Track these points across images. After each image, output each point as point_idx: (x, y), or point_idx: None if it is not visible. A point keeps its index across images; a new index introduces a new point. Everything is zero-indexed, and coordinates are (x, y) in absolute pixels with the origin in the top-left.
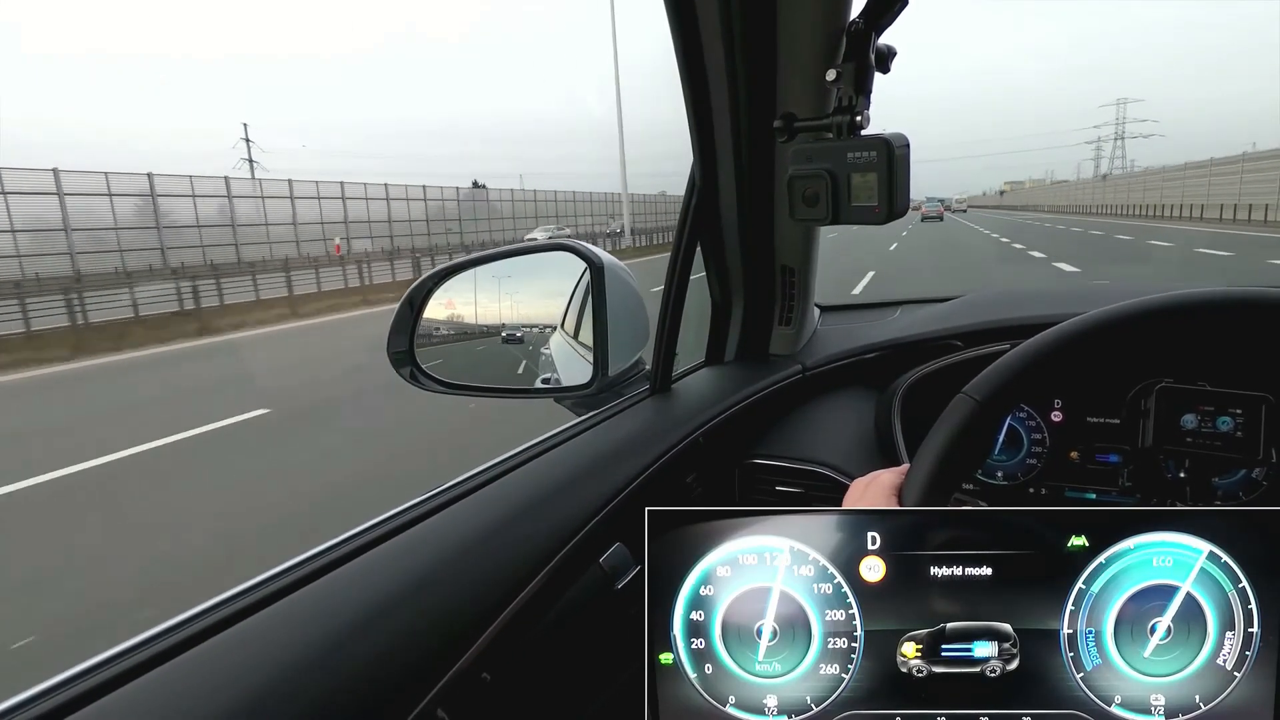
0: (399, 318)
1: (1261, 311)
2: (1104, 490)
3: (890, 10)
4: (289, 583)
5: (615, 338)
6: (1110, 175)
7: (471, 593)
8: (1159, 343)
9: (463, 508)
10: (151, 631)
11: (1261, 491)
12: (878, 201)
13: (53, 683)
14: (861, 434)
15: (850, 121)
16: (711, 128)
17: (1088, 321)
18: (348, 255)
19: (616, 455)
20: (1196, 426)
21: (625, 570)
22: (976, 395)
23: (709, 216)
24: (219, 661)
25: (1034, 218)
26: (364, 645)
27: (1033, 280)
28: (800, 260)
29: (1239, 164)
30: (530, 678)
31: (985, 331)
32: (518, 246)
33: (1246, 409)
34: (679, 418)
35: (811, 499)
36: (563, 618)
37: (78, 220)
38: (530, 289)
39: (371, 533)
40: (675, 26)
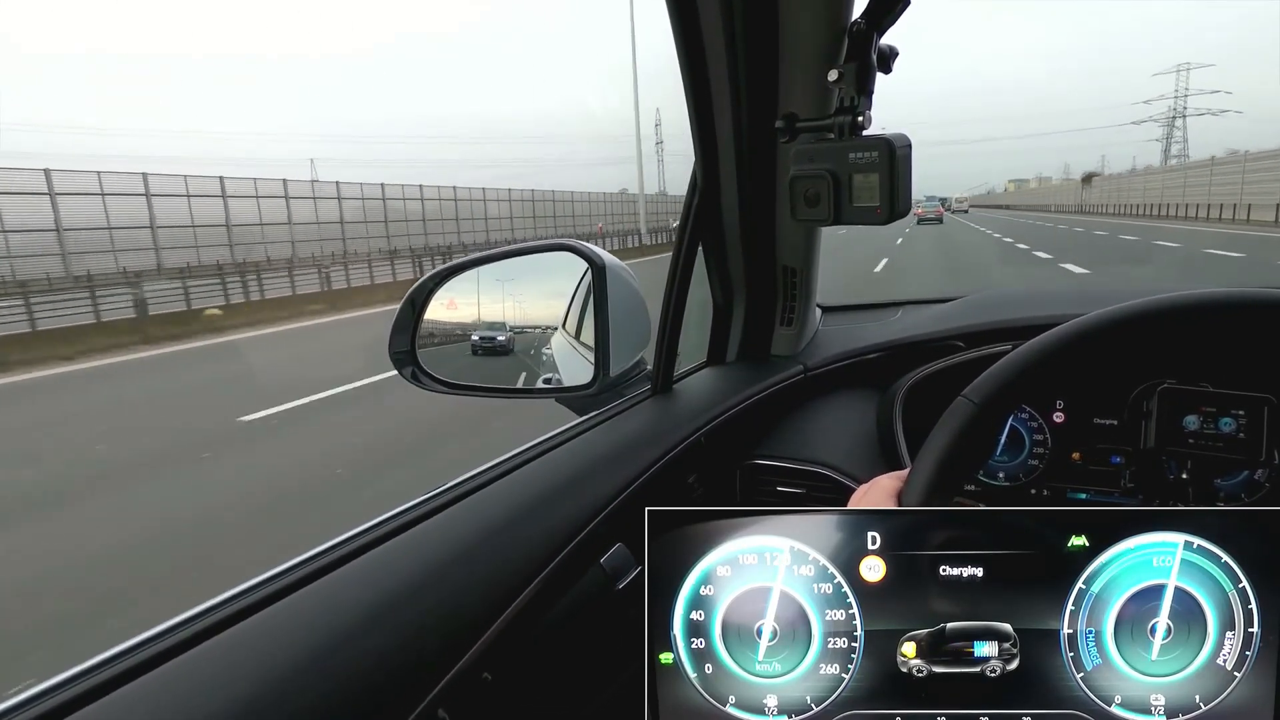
0: (400, 318)
1: (1263, 312)
2: (1106, 491)
3: (892, 11)
4: (290, 582)
5: (617, 338)
6: (1174, 163)
7: (473, 593)
8: (1161, 344)
9: (464, 508)
10: (152, 632)
11: (1264, 493)
12: (879, 202)
13: (52, 683)
14: (863, 435)
15: (852, 122)
16: (713, 128)
17: (1089, 322)
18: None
19: (618, 456)
20: (1198, 428)
21: (626, 571)
22: (977, 398)
23: (710, 217)
24: (220, 661)
25: (1040, 218)
26: (365, 645)
27: (1035, 281)
28: (802, 261)
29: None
30: (531, 678)
31: (987, 332)
32: (519, 246)
33: (1249, 410)
34: (680, 418)
35: (813, 499)
36: (564, 618)
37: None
38: (532, 289)
39: (373, 532)
40: (677, 27)
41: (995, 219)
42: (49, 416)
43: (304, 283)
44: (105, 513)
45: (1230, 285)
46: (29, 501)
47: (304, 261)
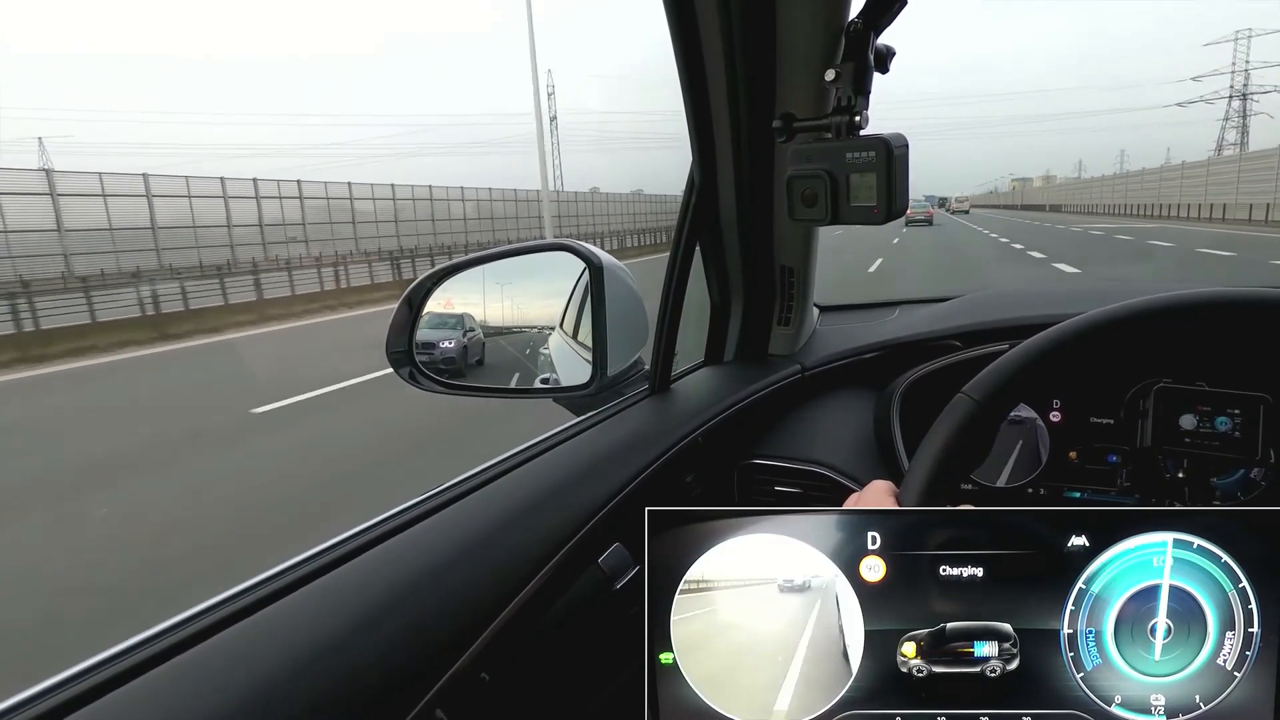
0: (397, 318)
1: (1259, 312)
2: (1103, 490)
3: (889, 10)
4: (287, 583)
5: (614, 337)
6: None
7: (470, 593)
8: (1157, 343)
9: (462, 508)
10: (149, 632)
11: (1260, 491)
12: (876, 202)
13: (51, 683)
14: (860, 434)
15: (849, 122)
16: (711, 127)
17: (1086, 321)
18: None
19: (615, 455)
20: (1195, 426)
21: (624, 570)
22: (975, 395)
23: (708, 216)
24: (216, 663)
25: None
26: (362, 646)
27: (1032, 281)
28: (799, 260)
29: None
30: (529, 678)
31: (984, 332)
32: (517, 246)
33: (1245, 409)
34: (678, 418)
35: (810, 499)
36: (562, 618)
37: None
38: (529, 289)
39: (370, 533)
40: (674, 26)
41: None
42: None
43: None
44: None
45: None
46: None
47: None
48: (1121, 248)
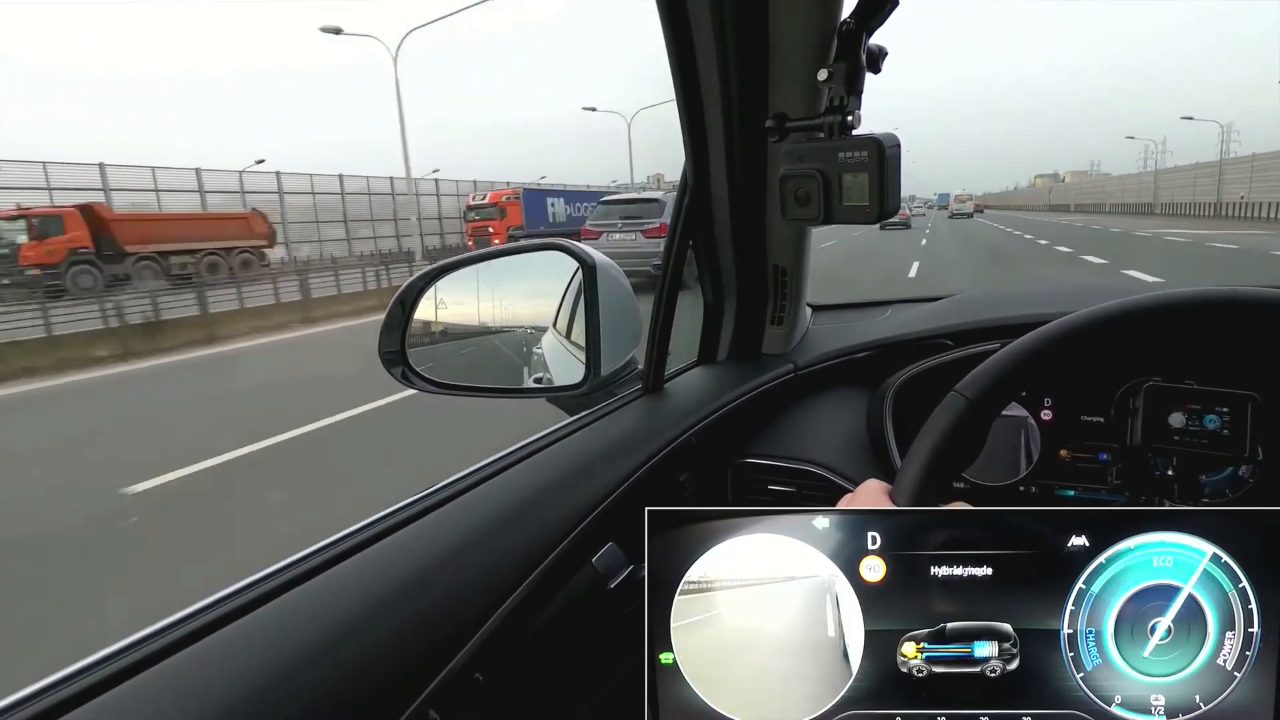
0: (390, 318)
1: (1247, 310)
2: (1093, 488)
3: (881, 10)
4: (280, 584)
5: (608, 337)
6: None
7: (464, 593)
8: (1147, 341)
9: (455, 508)
10: (144, 632)
11: (1248, 489)
12: (869, 201)
13: (49, 681)
14: (853, 433)
15: (841, 121)
16: (703, 127)
17: (1077, 320)
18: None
19: (609, 455)
20: (1184, 425)
21: (618, 570)
22: (967, 393)
23: (701, 216)
24: (210, 663)
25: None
26: (355, 646)
27: (1024, 280)
28: (792, 260)
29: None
30: (523, 678)
31: (976, 330)
32: (510, 246)
33: (1233, 407)
34: (671, 417)
35: (804, 498)
36: (555, 618)
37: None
38: (522, 288)
39: (363, 533)
40: (667, 26)
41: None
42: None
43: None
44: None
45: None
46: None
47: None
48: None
